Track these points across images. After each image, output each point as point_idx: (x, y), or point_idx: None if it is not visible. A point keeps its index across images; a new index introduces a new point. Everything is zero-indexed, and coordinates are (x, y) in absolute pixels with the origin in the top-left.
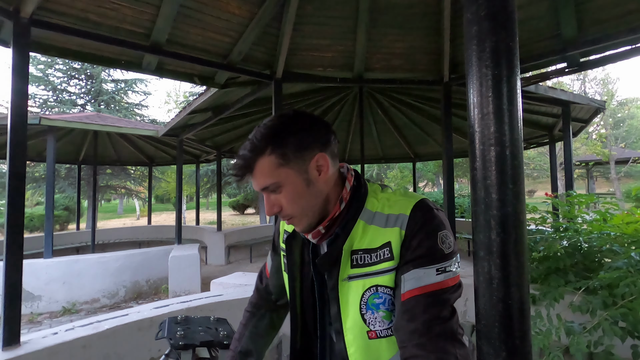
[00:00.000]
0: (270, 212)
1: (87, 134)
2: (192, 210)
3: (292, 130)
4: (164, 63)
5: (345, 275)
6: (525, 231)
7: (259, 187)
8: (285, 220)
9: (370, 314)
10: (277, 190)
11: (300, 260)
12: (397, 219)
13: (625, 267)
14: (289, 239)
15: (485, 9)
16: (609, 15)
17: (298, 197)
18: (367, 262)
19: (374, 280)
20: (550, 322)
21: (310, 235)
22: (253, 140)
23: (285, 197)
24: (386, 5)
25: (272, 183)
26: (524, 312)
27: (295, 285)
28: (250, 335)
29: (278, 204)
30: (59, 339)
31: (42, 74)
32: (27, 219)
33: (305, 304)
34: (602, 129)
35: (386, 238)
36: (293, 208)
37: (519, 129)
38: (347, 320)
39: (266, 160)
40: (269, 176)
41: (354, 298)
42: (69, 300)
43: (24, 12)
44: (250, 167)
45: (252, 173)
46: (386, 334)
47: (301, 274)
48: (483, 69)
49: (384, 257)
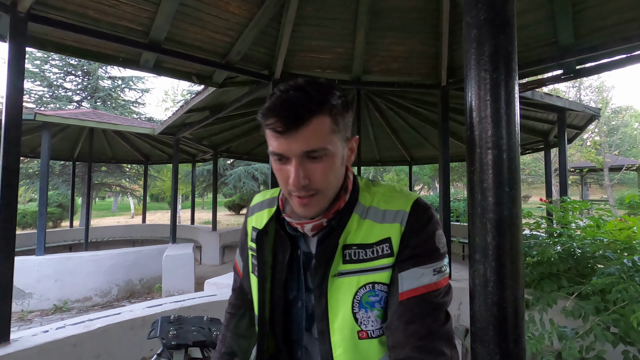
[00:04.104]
0: (300, 183)
1: (82, 131)
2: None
3: (342, 100)
4: (162, 61)
5: (336, 271)
6: (521, 235)
7: (306, 148)
8: (301, 199)
9: (363, 312)
10: (321, 158)
11: (273, 260)
12: (397, 215)
13: (618, 273)
14: (260, 236)
15: (484, 13)
16: (605, 24)
17: (333, 172)
18: (362, 258)
19: (371, 277)
20: (543, 327)
21: (310, 227)
22: (309, 91)
23: (324, 168)
24: (385, 9)
25: (322, 148)
26: (519, 315)
27: (265, 287)
28: (232, 336)
29: (309, 175)
30: (49, 337)
31: (38, 70)
32: (20, 215)
33: (275, 308)
34: (597, 136)
35: (385, 234)
36: (324, 182)
37: (516, 133)
38: (336, 319)
39: (325, 120)
40: (322, 139)
41: (346, 295)
42: (60, 298)
43: (21, 6)
44: (304, 121)
45: (300, 129)
46: (378, 334)
47: (272, 275)
48: (482, 73)
49: (384, 253)
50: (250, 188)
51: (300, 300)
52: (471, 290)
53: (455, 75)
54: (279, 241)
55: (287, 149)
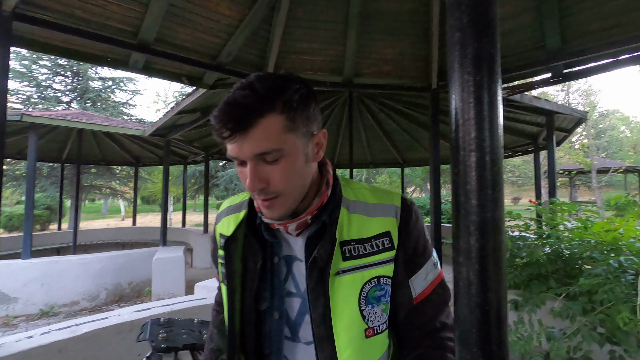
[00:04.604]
0: (255, 186)
1: (71, 132)
2: (179, 211)
3: (301, 93)
4: (152, 62)
5: (337, 270)
6: (504, 237)
7: (256, 151)
8: (263, 202)
9: (370, 308)
10: (277, 160)
11: (243, 268)
12: (389, 209)
13: (604, 274)
14: (228, 243)
15: (467, 15)
16: (591, 29)
17: (294, 173)
18: (362, 253)
19: (374, 271)
20: (532, 328)
21: (293, 226)
22: (257, 89)
23: (282, 170)
24: (376, 12)
25: (275, 149)
26: (501, 318)
27: (234, 297)
28: (218, 332)
29: (267, 178)
30: (34, 343)
31: (26, 70)
32: (6, 218)
33: (246, 320)
34: (585, 139)
35: (382, 228)
36: (285, 184)
37: (499, 136)
38: (341, 320)
39: (275, 119)
40: (274, 140)
41: (350, 294)
42: (47, 302)
43: (7, 5)
44: (251, 123)
45: (249, 131)
46: (382, 330)
47: (243, 285)
48: (465, 75)
49: (385, 247)
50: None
51: (276, 310)
52: (455, 293)
53: (445, 78)
54: (248, 248)
55: (239, 153)
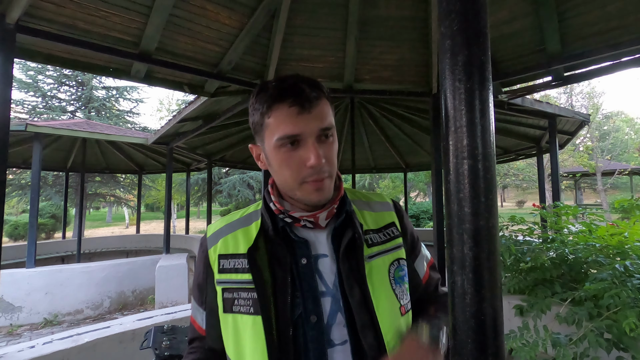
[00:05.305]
0: (320, 161)
1: (75, 141)
2: (183, 219)
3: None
4: (153, 71)
5: (366, 256)
6: (499, 245)
7: (322, 126)
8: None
9: (399, 288)
10: (331, 138)
11: (272, 277)
12: (385, 205)
13: (610, 279)
14: (252, 252)
15: (458, 23)
16: (591, 32)
17: (336, 155)
18: (380, 241)
19: (394, 254)
20: (537, 334)
21: (324, 215)
22: (306, 79)
23: (334, 149)
24: (375, 18)
25: (333, 126)
26: (497, 328)
27: (269, 312)
28: None
29: (325, 155)
30: (36, 353)
31: (32, 81)
32: (12, 227)
33: (283, 339)
34: (589, 141)
35: (387, 219)
36: (334, 165)
37: (492, 143)
38: (382, 301)
39: (327, 103)
40: (331, 118)
41: (382, 276)
42: (51, 311)
43: (10, 17)
44: (317, 101)
45: (315, 109)
46: (409, 308)
47: (274, 295)
48: (456, 83)
49: (395, 234)
50: (245, 196)
51: (312, 314)
52: (450, 302)
53: None
54: (274, 255)
55: (305, 128)
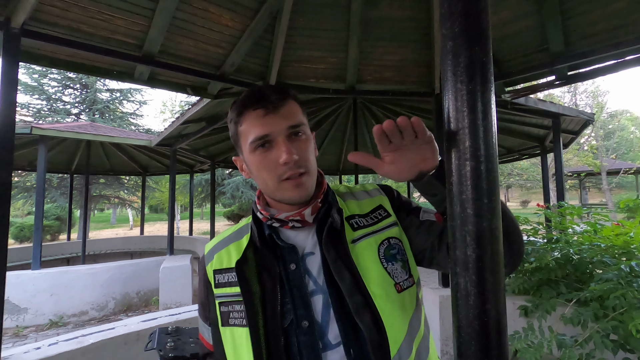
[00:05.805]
0: (292, 157)
1: (79, 144)
2: (186, 220)
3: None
4: (157, 73)
5: (351, 239)
6: (501, 247)
7: (289, 124)
8: (293, 180)
9: (391, 265)
10: (302, 135)
11: (261, 288)
12: (372, 192)
13: (616, 279)
14: (240, 265)
15: (459, 25)
16: (594, 31)
17: (312, 152)
18: (366, 224)
19: (383, 234)
20: (542, 335)
21: (309, 211)
22: (271, 86)
23: (307, 145)
24: (377, 19)
25: (302, 123)
26: (501, 330)
27: (258, 323)
28: None
29: (297, 150)
30: (41, 354)
31: (37, 84)
32: (18, 229)
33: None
34: (593, 140)
35: (374, 204)
36: (309, 161)
37: (494, 144)
38: (373, 279)
39: (295, 103)
40: (300, 116)
41: (371, 256)
42: (56, 312)
43: (15, 22)
44: (282, 102)
45: (280, 109)
46: (407, 285)
47: (263, 305)
48: (458, 84)
49: (383, 216)
50: (248, 198)
51: (304, 319)
52: (453, 304)
53: None
54: (262, 264)
55: (273, 128)
